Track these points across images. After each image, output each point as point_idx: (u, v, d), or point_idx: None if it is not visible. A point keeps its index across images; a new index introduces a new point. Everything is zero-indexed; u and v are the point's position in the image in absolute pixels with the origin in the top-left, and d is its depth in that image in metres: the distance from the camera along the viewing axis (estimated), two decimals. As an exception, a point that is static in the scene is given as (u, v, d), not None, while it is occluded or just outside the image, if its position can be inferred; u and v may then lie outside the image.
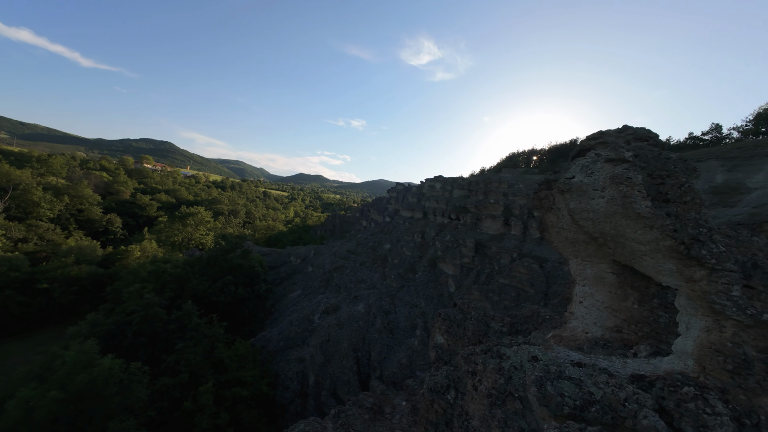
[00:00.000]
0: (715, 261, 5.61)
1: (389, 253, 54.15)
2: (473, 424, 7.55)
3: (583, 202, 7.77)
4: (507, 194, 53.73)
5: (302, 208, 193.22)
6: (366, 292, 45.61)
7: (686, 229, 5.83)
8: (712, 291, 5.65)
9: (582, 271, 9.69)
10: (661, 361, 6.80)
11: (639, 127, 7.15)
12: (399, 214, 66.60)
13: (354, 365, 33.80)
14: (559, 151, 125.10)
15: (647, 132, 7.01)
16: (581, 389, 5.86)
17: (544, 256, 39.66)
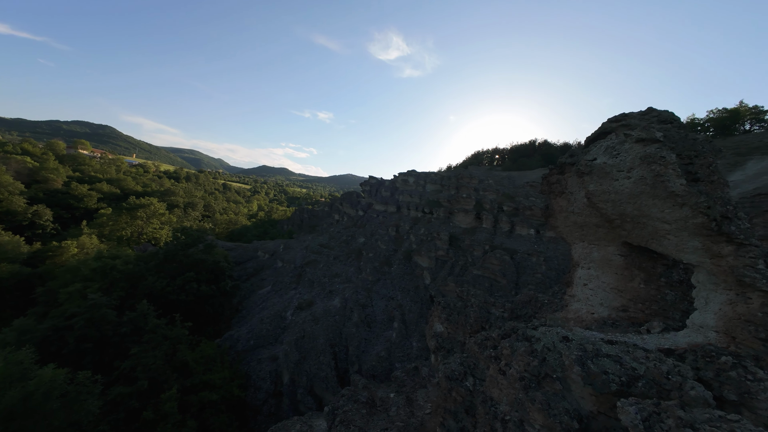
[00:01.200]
0: (743, 236, 5.91)
1: (364, 247, 53.50)
2: (502, 408, 7.38)
3: (605, 183, 7.87)
4: (478, 189, 55.65)
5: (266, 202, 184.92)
6: (341, 287, 44.63)
7: (717, 207, 6.08)
8: (740, 265, 5.95)
9: (588, 254, 9.95)
10: (676, 336, 7.11)
11: (663, 110, 7.38)
12: (372, 208, 66.04)
13: (331, 361, 32.93)
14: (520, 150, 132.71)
15: (671, 114, 7.25)
16: (623, 366, 5.87)
17: (514, 247, 41.73)
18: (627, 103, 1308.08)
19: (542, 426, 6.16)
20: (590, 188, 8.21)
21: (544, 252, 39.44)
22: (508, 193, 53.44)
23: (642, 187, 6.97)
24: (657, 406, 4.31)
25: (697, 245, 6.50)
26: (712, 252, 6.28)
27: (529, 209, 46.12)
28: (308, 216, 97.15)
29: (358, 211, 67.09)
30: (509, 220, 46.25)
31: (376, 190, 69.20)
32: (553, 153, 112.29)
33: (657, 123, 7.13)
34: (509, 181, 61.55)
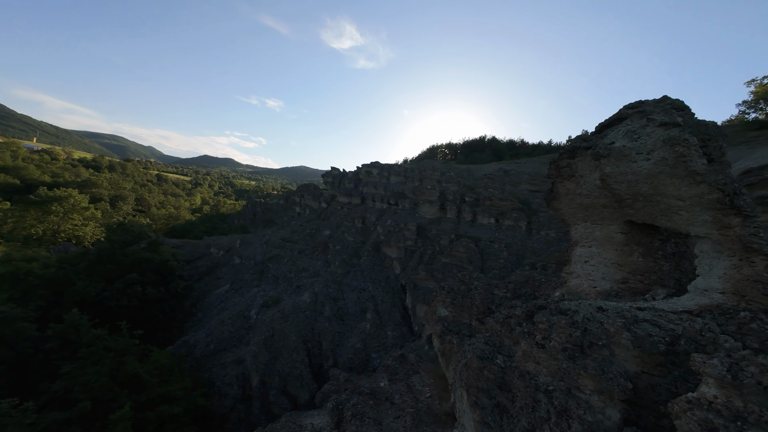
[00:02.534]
0: (749, 209, 6.87)
1: (330, 240, 52.08)
2: (542, 380, 7.69)
3: (622, 165, 8.53)
4: (440, 181, 57.65)
5: (211, 195, 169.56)
6: (309, 281, 42.98)
7: (730, 183, 6.97)
8: (746, 234, 6.92)
9: (590, 233, 10.79)
10: (680, 300, 8.08)
11: (675, 99, 8.19)
12: (336, 200, 64.42)
13: (305, 357, 31.69)
14: (472, 145, 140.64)
15: (682, 102, 8.10)
16: (662, 328, 6.47)
17: (477, 236, 44.26)
18: (558, 105, 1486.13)
19: (593, 391, 6.56)
20: (607, 170, 8.85)
21: (504, 239, 42.53)
22: (468, 185, 56.30)
23: (661, 168, 7.72)
24: (732, 356, 4.82)
25: (708, 218, 7.43)
26: (722, 224, 7.23)
27: (489, 200, 49.21)
28: (262, 209, 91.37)
29: (321, 203, 64.94)
30: (471, 210, 48.86)
31: (339, 182, 67.58)
32: (501, 148, 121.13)
33: (672, 109, 7.94)
34: (468, 174, 64.89)
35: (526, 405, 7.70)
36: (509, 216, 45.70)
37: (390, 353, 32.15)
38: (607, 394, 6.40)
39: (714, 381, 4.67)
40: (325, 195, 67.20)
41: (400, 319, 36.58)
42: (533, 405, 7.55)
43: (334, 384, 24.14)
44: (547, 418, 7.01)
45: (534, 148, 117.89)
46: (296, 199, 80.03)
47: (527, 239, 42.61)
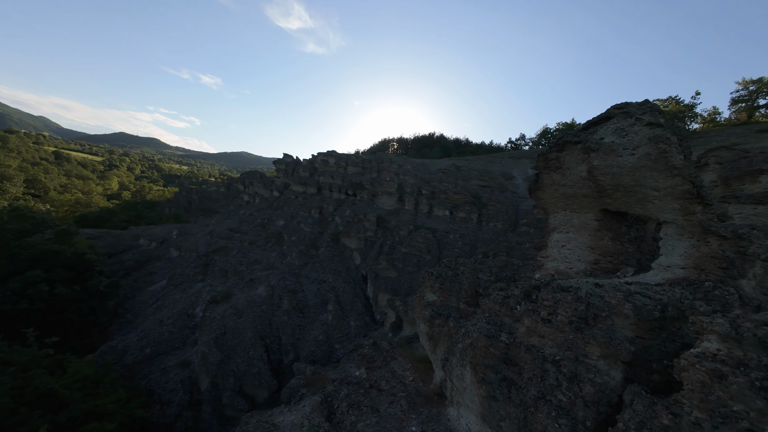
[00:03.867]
0: (709, 198, 8.35)
1: (284, 230, 49.27)
2: (548, 351, 8.40)
3: (609, 159, 9.63)
4: (398, 174, 58.58)
5: (132, 179, 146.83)
6: (264, 274, 40.20)
7: (697, 177, 8.35)
8: (706, 219, 8.40)
9: (569, 221, 12.03)
10: (646, 276, 9.53)
11: (654, 103, 9.46)
12: (290, 189, 60.95)
13: (263, 354, 29.80)
14: (422, 141, 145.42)
15: (659, 107, 9.39)
16: (651, 299, 7.56)
17: (434, 227, 46.25)
18: (496, 109, 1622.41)
19: (599, 356, 7.40)
20: (595, 163, 9.90)
21: (458, 230, 45.24)
22: (424, 179, 58.27)
23: (644, 162, 8.92)
24: (728, 315, 5.83)
25: (676, 206, 8.85)
26: (687, 210, 8.68)
27: (444, 193, 51.69)
28: (199, 197, 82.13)
29: (273, 192, 60.85)
30: (428, 203, 50.78)
31: (293, 170, 63.99)
32: (449, 145, 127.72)
33: (653, 112, 9.19)
34: (424, 168, 67.06)
35: (534, 375, 8.39)
36: (462, 209, 48.67)
37: (354, 342, 32.05)
38: (611, 358, 7.31)
39: (716, 336, 5.68)
40: (278, 183, 63.08)
41: (362, 309, 36.58)
42: (542, 375, 8.26)
43: (301, 378, 23.19)
44: (557, 385, 7.73)
45: (478, 147, 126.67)
46: (240, 186, 73.56)
47: (478, 230, 46.00)
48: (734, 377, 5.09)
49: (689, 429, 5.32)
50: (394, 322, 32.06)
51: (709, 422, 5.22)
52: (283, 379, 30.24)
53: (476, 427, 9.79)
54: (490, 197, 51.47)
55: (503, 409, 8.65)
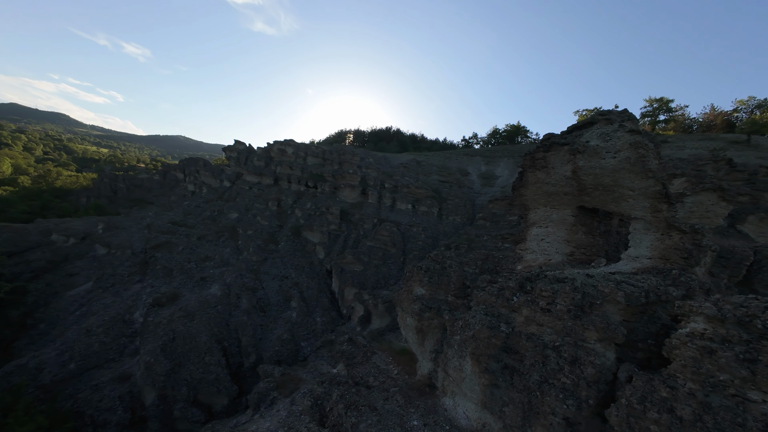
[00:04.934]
0: (673, 198, 9.67)
1: (239, 224, 45.49)
2: (547, 338, 9.05)
3: (593, 160, 10.59)
4: (361, 167, 57.86)
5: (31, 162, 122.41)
6: (217, 271, 36.75)
7: (667, 179, 9.59)
8: (670, 216, 9.74)
9: (548, 216, 13.05)
10: (617, 266, 10.80)
11: (631, 113, 10.56)
12: (243, 179, 56.20)
13: (221, 358, 27.46)
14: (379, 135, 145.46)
15: (635, 116, 10.52)
16: (635, 286, 8.55)
17: (398, 220, 46.88)
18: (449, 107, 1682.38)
19: (596, 340, 8.17)
20: (580, 164, 10.81)
21: (421, 224, 46.52)
22: (387, 172, 58.49)
23: (624, 164, 9.98)
24: (710, 299, 6.82)
25: (647, 205, 10.10)
26: (655, 208, 9.97)
27: (407, 187, 52.58)
28: (127, 185, 71.56)
29: (224, 181, 55.58)
30: (391, 196, 51.20)
31: (246, 159, 59.10)
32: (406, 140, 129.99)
33: (632, 120, 10.29)
34: (386, 162, 67.17)
35: (536, 361, 8.97)
36: (424, 203, 50.08)
37: (321, 339, 31.21)
38: (607, 341, 8.14)
39: (703, 317, 6.65)
40: (228, 173, 57.71)
41: (328, 304, 35.70)
42: (543, 360, 8.87)
43: (270, 381, 21.85)
44: (560, 369, 8.39)
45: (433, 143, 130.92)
46: (179, 175, 65.69)
47: (439, 224, 47.84)
48: (722, 352, 6.06)
49: (685, 399, 6.20)
50: (362, 315, 31.93)
51: (701, 391, 6.16)
52: (245, 383, 28.25)
53: (475, 415, 10.23)
54: (449, 192, 53.74)
55: (506, 395, 9.16)
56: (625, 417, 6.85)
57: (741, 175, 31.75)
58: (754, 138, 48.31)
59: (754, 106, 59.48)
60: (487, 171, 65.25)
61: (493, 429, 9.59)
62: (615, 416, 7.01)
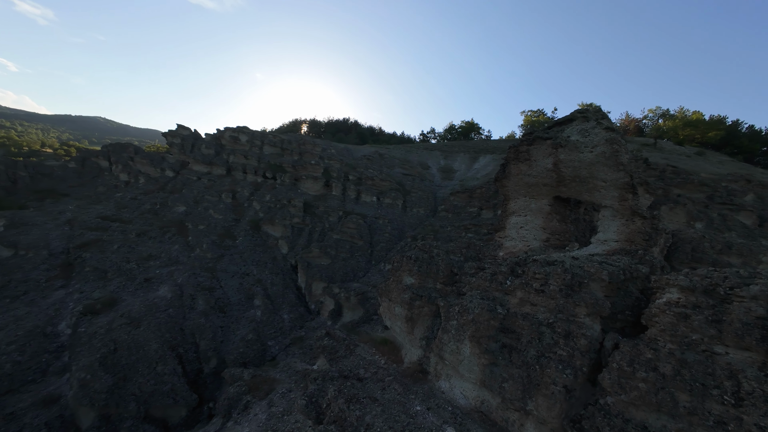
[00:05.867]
0: (637, 189, 11.12)
1: (188, 218, 41.05)
2: (541, 317, 9.88)
3: (573, 154, 11.68)
4: (323, 158, 56.06)
5: None
6: (165, 271, 32.86)
7: (634, 172, 10.98)
8: (635, 204, 11.19)
9: (527, 206, 14.14)
10: (588, 248, 12.18)
11: (604, 111, 11.77)
12: (189, 169, 50.53)
13: (177, 366, 24.95)
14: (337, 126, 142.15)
15: (606, 114, 11.77)
16: (614, 265, 9.72)
17: (363, 212, 46.62)
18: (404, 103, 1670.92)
19: (586, 315, 9.14)
20: (561, 157, 11.83)
21: (386, 216, 46.93)
22: (350, 164, 57.55)
23: (600, 158, 11.17)
24: (680, 272, 8.01)
25: (615, 194, 11.47)
26: (623, 198, 11.37)
27: (371, 179, 52.47)
28: (31, 174, 59.76)
29: (166, 171, 49.43)
30: (356, 189, 50.67)
31: (192, 146, 53.21)
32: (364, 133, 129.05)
33: (605, 118, 11.49)
34: (348, 153, 65.88)
35: (533, 338, 9.72)
36: (389, 195, 50.54)
37: (290, 336, 30.00)
38: (594, 315, 9.14)
39: (678, 288, 7.83)
40: (171, 161, 51.40)
41: (295, 301, 34.30)
42: (539, 336, 9.64)
43: (241, 384, 20.44)
44: (555, 343, 9.21)
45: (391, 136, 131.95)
46: (104, 162, 56.63)
47: (404, 215, 48.78)
48: (695, 316, 7.25)
49: (666, 358, 7.30)
50: (333, 309, 31.34)
51: (678, 350, 7.30)
52: (205, 390, 25.99)
53: (473, 393, 10.78)
54: (412, 185, 54.93)
55: (505, 372, 9.80)
56: (616, 379, 7.86)
57: (654, 173, 37.83)
58: (659, 142, 58.08)
59: (660, 115, 71.21)
60: (446, 165, 68.01)
61: (491, 404, 10.24)
62: (608, 379, 8.01)
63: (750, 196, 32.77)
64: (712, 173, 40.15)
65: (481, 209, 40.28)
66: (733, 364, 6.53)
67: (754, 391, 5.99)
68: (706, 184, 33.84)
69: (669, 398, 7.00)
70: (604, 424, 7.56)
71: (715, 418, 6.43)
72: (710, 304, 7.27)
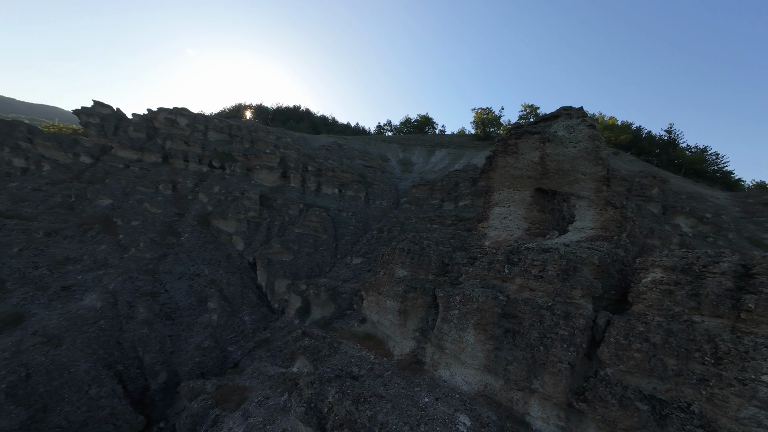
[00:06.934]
0: (610, 181, 12.40)
1: (116, 213, 34.96)
2: (540, 301, 10.54)
3: (558, 149, 12.57)
4: (278, 146, 52.42)
5: None
6: (89, 276, 27.66)
7: (610, 166, 12.19)
8: (609, 196, 12.50)
9: (511, 197, 14.96)
10: (566, 236, 13.38)
11: (585, 110, 12.78)
12: (113, 154, 42.78)
13: (116, 386, 21.51)
14: (287, 113, 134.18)
15: (586, 112, 12.81)
16: (598, 250, 10.76)
17: (325, 205, 44.97)
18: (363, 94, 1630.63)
19: (581, 296, 9.96)
20: (548, 151, 12.63)
21: (349, 208, 45.97)
22: (308, 154, 54.80)
23: (582, 153, 12.16)
24: (661, 254, 9.14)
25: (592, 186, 12.66)
26: (598, 189, 12.60)
27: (332, 171, 50.76)
28: None
29: (81, 156, 41.19)
30: (316, 180, 48.57)
31: (115, 128, 45.15)
32: (317, 122, 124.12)
33: (585, 116, 12.49)
34: (305, 142, 62.49)
35: (534, 321, 10.29)
36: (351, 187, 49.50)
37: (255, 339, 27.79)
38: (588, 296, 10.02)
39: (661, 268, 8.94)
40: (87, 144, 42.95)
41: (256, 301, 31.77)
42: (540, 319, 10.25)
43: (206, 398, 18.38)
44: (555, 324, 9.88)
45: (345, 127, 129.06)
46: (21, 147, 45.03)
47: (367, 208, 48.34)
48: (677, 291, 8.39)
49: (655, 329, 8.35)
50: (300, 307, 29.82)
51: (665, 322, 8.39)
52: (154, 409, 22.82)
53: (475, 379, 11.12)
54: (374, 177, 54.56)
55: (510, 356, 10.27)
56: (614, 351, 8.78)
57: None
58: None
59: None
60: (404, 158, 68.96)
61: (494, 387, 10.70)
62: (606, 352, 8.91)
63: (656, 189, 39.59)
64: (627, 170, 47.50)
65: (443, 201, 41.78)
66: (710, 330, 7.76)
67: (730, 350, 7.21)
68: (625, 179, 39.90)
69: (660, 364, 8.07)
70: (606, 393, 8.43)
71: (697, 376, 7.60)
72: (688, 280, 8.53)
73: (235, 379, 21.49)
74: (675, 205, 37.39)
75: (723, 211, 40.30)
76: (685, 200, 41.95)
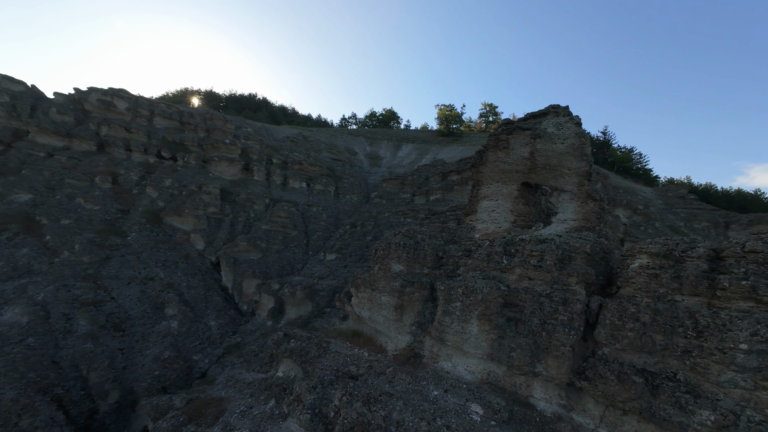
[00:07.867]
0: (592, 176, 13.41)
1: (38, 210, 29.56)
2: (539, 289, 11.10)
3: (548, 145, 13.26)
4: (238, 137, 48.56)
5: None
6: (8, 287, 23.21)
7: (592, 162, 13.14)
8: (590, 190, 13.51)
9: (499, 191, 15.54)
10: (550, 227, 14.30)
11: (569, 110, 13.55)
12: (30, 140, 35.86)
13: (55, 412, 18.55)
14: (242, 101, 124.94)
15: (570, 111, 13.60)
16: (587, 240, 11.60)
17: (293, 199, 42.86)
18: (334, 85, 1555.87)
19: (576, 282, 10.66)
20: (538, 147, 13.25)
21: (319, 203, 44.41)
22: (272, 146, 51.62)
23: (569, 149, 12.95)
24: (646, 241, 10.09)
25: (576, 181, 13.58)
26: (581, 184, 13.55)
27: (299, 164, 48.49)
28: None
29: (-14, 140, 33.93)
30: (282, 173, 46.05)
31: (32, 109, 37.97)
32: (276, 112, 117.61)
33: (572, 114, 13.26)
34: (267, 133, 58.58)
35: (535, 309, 10.76)
36: (319, 181, 47.79)
37: (224, 345, 25.67)
38: (582, 282, 10.73)
39: (647, 255, 9.86)
40: (-6, 126, 35.49)
41: (221, 304, 29.29)
42: (540, 307, 10.75)
43: (176, 415, 16.51)
44: (554, 310, 10.45)
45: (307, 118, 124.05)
46: None
47: (337, 202, 47.12)
48: (662, 274, 9.36)
49: (644, 310, 9.25)
50: (273, 308, 28.16)
51: (652, 303, 9.34)
52: (105, 433, 19.96)
53: (478, 368, 11.39)
54: (343, 171, 53.28)
55: (513, 343, 10.67)
56: (610, 332, 9.58)
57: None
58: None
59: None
60: (372, 152, 68.39)
61: (497, 374, 11.08)
62: (603, 333, 9.69)
63: (599, 185, 44.33)
64: (575, 167, 52.55)
65: (414, 195, 42.26)
66: (690, 307, 8.82)
67: (709, 324, 8.27)
68: (575, 175, 44.19)
69: (649, 340, 8.99)
70: (605, 370, 9.19)
71: (681, 349, 8.61)
72: (670, 264, 9.59)
73: (206, 390, 19.60)
74: (615, 198, 42.30)
75: (651, 204, 46.65)
76: (622, 194, 47.64)
